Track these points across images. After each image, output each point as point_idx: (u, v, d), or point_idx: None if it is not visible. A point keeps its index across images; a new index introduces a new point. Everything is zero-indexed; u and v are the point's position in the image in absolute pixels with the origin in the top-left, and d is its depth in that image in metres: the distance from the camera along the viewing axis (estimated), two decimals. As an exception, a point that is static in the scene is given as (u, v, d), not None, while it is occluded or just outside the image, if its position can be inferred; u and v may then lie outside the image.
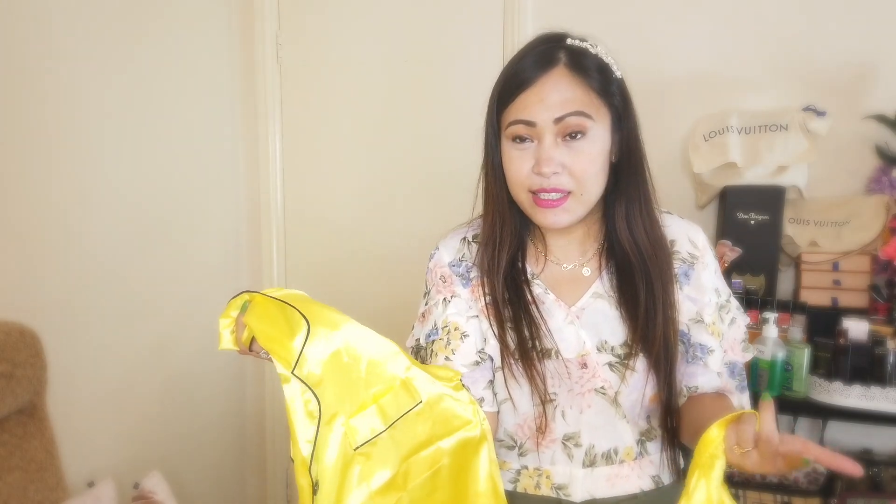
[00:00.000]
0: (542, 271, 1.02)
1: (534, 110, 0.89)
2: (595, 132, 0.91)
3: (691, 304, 1.00)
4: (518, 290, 0.99)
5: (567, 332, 0.98)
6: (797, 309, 1.68)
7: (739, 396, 1.02)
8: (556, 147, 0.90)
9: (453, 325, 1.00)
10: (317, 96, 2.31)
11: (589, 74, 0.91)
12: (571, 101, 0.89)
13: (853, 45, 1.79)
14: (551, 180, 0.90)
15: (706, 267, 1.01)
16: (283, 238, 2.40)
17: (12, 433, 1.36)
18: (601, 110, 0.92)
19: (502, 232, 0.99)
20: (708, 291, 1.00)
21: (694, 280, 1.00)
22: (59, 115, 1.66)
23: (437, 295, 1.03)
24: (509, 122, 0.92)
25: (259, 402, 2.46)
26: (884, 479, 1.63)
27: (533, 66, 0.90)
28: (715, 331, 1.00)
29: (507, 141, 0.94)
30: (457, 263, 1.04)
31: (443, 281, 1.03)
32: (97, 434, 1.77)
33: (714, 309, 1.00)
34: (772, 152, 1.76)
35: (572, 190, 0.91)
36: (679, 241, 1.02)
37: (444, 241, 1.07)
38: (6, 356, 1.30)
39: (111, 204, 1.81)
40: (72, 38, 1.68)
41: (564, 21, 1.99)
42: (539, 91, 0.89)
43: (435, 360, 1.00)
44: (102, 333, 1.79)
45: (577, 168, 0.90)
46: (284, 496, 2.49)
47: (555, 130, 0.90)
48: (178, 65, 2.04)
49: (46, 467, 1.41)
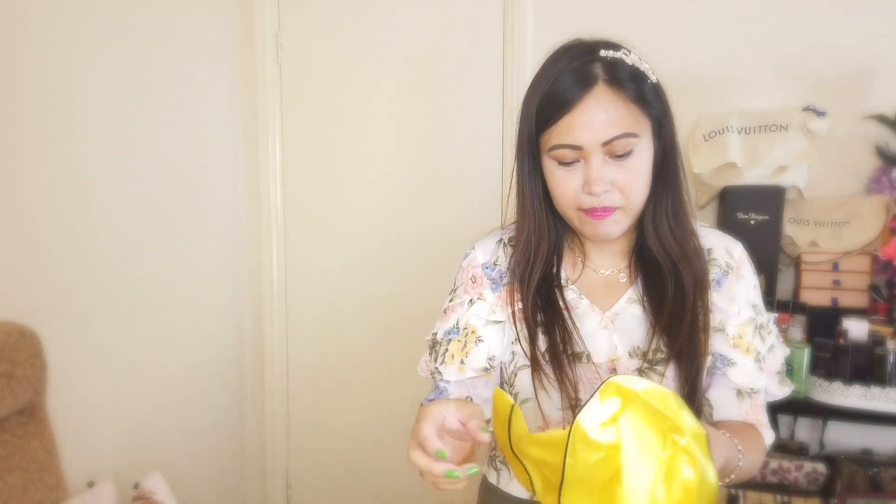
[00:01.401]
0: (579, 277, 1.01)
1: (580, 135, 0.87)
2: (641, 148, 0.90)
3: (717, 313, 0.98)
4: (551, 296, 0.98)
5: (600, 336, 0.97)
6: (797, 309, 1.68)
7: (769, 434, 1.00)
8: (604, 166, 0.88)
9: (471, 328, 1.01)
10: (317, 96, 2.31)
11: (629, 88, 0.88)
12: (617, 122, 0.87)
13: (853, 45, 1.79)
14: (602, 199, 0.89)
15: (741, 279, 0.99)
16: (282, 238, 2.41)
17: (12, 433, 1.36)
18: (644, 123, 0.90)
19: (538, 248, 0.98)
20: (739, 303, 0.98)
21: (725, 289, 0.98)
22: (59, 115, 1.66)
23: (465, 294, 1.03)
24: (553, 146, 0.90)
25: (259, 403, 2.46)
26: (884, 479, 1.63)
27: (572, 87, 0.87)
28: (740, 344, 0.97)
29: (550, 161, 0.92)
30: (490, 266, 1.04)
31: (472, 281, 1.03)
32: (97, 434, 1.77)
33: (744, 322, 0.97)
34: (772, 152, 1.76)
35: (622, 206, 0.91)
36: (716, 250, 1.00)
37: (481, 242, 1.07)
38: (6, 356, 1.30)
39: (111, 204, 1.81)
40: (72, 37, 1.68)
41: (564, 21, 2.01)
42: (583, 114, 0.87)
43: (449, 360, 1.01)
44: (102, 333, 1.79)
45: (625, 184, 0.89)
46: (284, 496, 2.49)
47: (602, 151, 0.88)
48: (178, 65, 2.04)
49: (46, 467, 1.41)
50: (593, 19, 1.99)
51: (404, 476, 2.24)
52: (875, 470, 1.64)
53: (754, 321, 0.98)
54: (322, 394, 2.41)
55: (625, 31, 1.95)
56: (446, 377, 1.01)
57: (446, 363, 1.01)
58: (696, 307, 0.94)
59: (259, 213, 2.39)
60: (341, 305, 2.37)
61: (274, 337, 2.42)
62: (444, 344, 1.02)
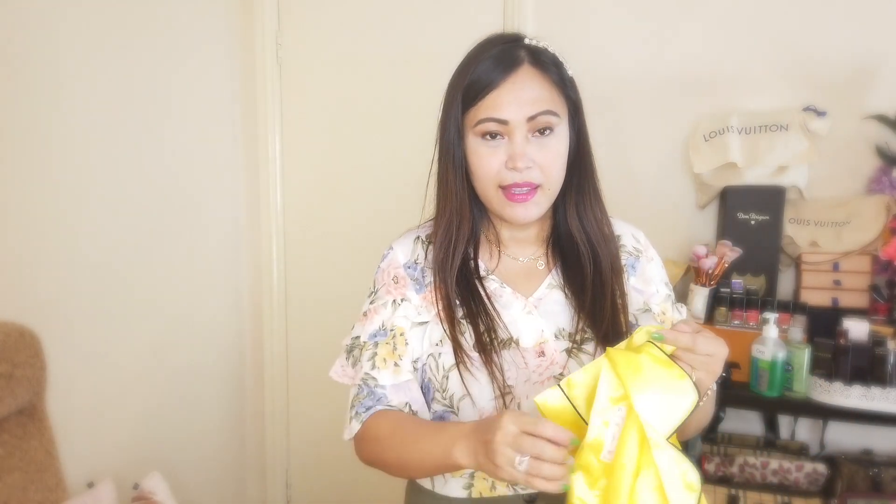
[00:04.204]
0: (497, 266, 1.04)
1: (507, 109, 0.92)
2: (560, 129, 0.96)
3: (638, 295, 1.05)
4: (470, 287, 1.00)
5: (525, 322, 1.00)
6: (797, 309, 1.68)
7: None
8: (527, 143, 0.94)
9: (399, 330, 1.00)
10: (317, 96, 2.31)
11: (552, 71, 0.95)
12: (540, 100, 0.93)
13: (853, 45, 1.79)
14: (524, 174, 0.93)
15: (651, 260, 1.08)
16: (282, 238, 2.40)
17: (12, 434, 1.36)
18: (562, 107, 0.96)
19: (459, 230, 1.00)
20: (654, 282, 1.06)
21: (640, 272, 1.06)
22: (59, 115, 1.66)
23: (387, 296, 1.02)
24: (479, 120, 0.94)
25: (259, 403, 2.46)
26: (884, 479, 1.63)
27: (499, 66, 0.93)
28: (666, 320, 1.04)
29: (474, 138, 0.96)
30: (412, 266, 1.04)
31: (395, 282, 1.03)
32: (97, 434, 1.77)
33: (663, 300, 1.06)
34: (772, 152, 1.76)
35: (541, 183, 0.95)
36: (624, 237, 1.08)
37: (399, 241, 1.07)
38: (6, 356, 1.30)
39: (111, 204, 1.81)
40: (71, 38, 1.68)
41: (565, 22, 2.01)
42: (510, 90, 0.93)
43: (381, 364, 0.99)
44: (102, 333, 1.79)
45: (546, 163, 0.94)
46: (284, 496, 2.49)
47: (526, 127, 0.93)
48: (177, 65, 2.04)
49: (46, 468, 1.41)
50: (593, 20, 1.99)
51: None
52: (875, 470, 1.64)
53: (669, 297, 1.07)
54: (322, 394, 2.41)
55: (625, 31, 1.97)
56: (382, 382, 0.98)
57: (379, 368, 0.99)
58: (614, 290, 1.01)
59: (259, 214, 2.39)
60: (341, 305, 2.36)
61: (274, 337, 2.42)
62: (371, 347, 1.00)
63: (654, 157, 1.98)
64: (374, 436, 0.96)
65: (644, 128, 1.97)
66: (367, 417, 0.96)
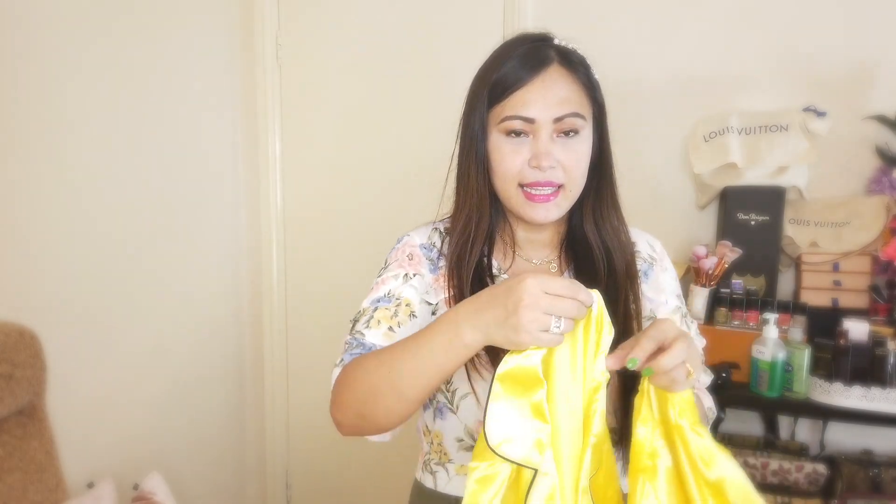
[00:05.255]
0: (511, 266, 1.03)
1: (534, 107, 0.91)
2: (585, 132, 0.95)
3: (647, 303, 1.04)
4: (483, 284, 0.98)
5: None
6: (797, 310, 1.68)
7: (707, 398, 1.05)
8: (552, 143, 0.93)
9: (405, 301, 0.96)
10: (317, 96, 2.31)
11: (580, 72, 0.94)
12: (568, 101, 0.92)
13: (853, 45, 1.79)
14: (547, 173, 0.92)
15: (665, 270, 1.06)
16: (282, 238, 2.40)
17: (12, 434, 1.36)
18: (589, 109, 0.96)
19: (478, 227, 0.99)
20: (666, 293, 1.05)
21: (652, 280, 1.05)
22: (59, 116, 1.66)
23: (399, 269, 1.00)
24: (504, 118, 0.93)
25: (259, 402, 2.46)
26: (884, 479, 1.63)
27: (528, 64, 0.92)
28: None
29: (498, 135, 0.95)
30: (428, 247, 1.03)
31: (409, 258, 1.02)
32: (97, 434, 1.77)
33: (671, 311, 1.04)
34: (772, 153, 1.76)
35: (564, 184, 0.94)
36: (639, 244, 1.07)
37: (415, 229, 1.07)
38: (6, 357, 1.30)
39: (110, 204, 1.81)
40: (72, 38, 1.68)
41: (565, 22, 2.01)
42: (538, 89, 0.91)
43: (375, 325, 0.93)
44: (102, 333, 1.79)
45: (570, 164, 0.93)
46: (284, 497, 2.49)
47: (552, 128, 0.92)
48: (178, 65, 2.04)
49: (46, 468, 1.41)
50: (593, 20, 1.99)
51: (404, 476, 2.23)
52: (875, 471, 1.64)
53: (679, 309, 1.05)
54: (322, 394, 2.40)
55: (625, 31, 1.97)
56: (371, 340, 0.92)
57: (371, 328, 0.94)
58: (627, 296, 0.98)
59: (259, 213, 2.39)
60: (341, 306, 2.36)
61: (274, 337, 2.42)
62: (370, 312, 0.96)
63: (653, 157, 1.98)
64: (356, 366, 0.87)
65: (644, 128, 1.97)
66: (351, 360, 0.90)
